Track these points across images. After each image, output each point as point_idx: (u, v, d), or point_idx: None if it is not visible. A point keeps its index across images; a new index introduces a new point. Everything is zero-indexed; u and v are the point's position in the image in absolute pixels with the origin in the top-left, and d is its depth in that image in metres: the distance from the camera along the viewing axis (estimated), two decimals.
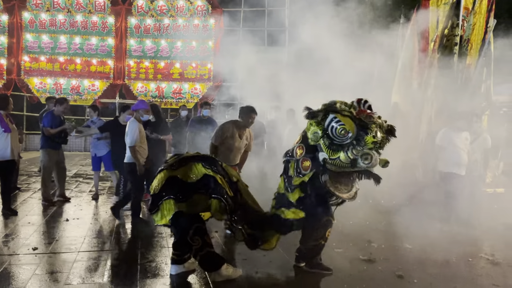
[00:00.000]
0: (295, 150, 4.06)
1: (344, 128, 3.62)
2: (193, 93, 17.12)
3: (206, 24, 17.11)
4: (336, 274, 4.20)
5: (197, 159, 3.96)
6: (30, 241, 5.05)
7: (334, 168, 3.73)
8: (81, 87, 16.71)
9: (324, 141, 3.74)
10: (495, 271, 4.43)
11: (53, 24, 16.56)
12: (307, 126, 3.95)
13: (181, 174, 3.83)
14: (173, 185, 3.80)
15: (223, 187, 3.83)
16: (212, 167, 3.90)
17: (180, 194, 3.78)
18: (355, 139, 3.62)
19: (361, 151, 3.59)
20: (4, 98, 6.48)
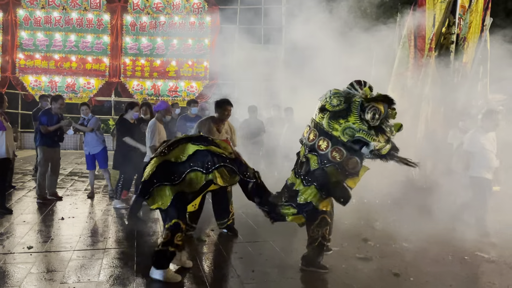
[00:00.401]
0: (316, 143, 3.90)
1: (376, 109, 3.69)
2: (189, 91, 17.07)
3: (202, 22, 17.06)
4: (333, 273, 4.20)
5: (185, 140, 3.91)
6: (25, 240, 5.01)
7: (382, 152, 3.80)
8: (76, 85, 16.62)
9: (367, 131, 3.72)
10: (491, 269, 4.44)
11: (48, 22, 16.45)
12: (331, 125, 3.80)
13: (172, 157, 3.77)
14: (166, 170, 3.73)
15: (220, 153, 3.78)
16: (202, 143, 3.84)
17: (174, 176, 3.72)
18: (385, 116, 3.76)
19: (392, 125, 3.80)
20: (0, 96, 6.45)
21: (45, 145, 7.04)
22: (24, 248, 4.68)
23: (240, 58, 16.96)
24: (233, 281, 3.97)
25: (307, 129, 4.07)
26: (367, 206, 7.50)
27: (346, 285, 3.93)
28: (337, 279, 4.06)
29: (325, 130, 3.82)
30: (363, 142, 3.73)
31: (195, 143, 3.81)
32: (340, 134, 3.76)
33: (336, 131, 3.77)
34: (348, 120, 3.72)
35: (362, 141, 3.72)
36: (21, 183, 8.76)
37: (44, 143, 7.05)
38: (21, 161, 11.93)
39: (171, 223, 3.75)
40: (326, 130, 3.81)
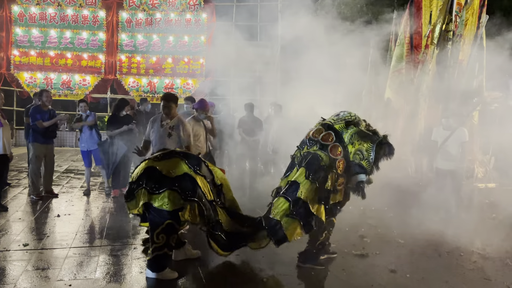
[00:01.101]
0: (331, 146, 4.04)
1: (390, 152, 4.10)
2: (186, 88, 17.03)
3: (198, 19, 17.01)
4: (329, 269, 4.21)
5: (182, 155, 3.89)
6: (21, 237, 4.99)
7: (366, 185, 4.14)
8: (72, 82, 16.53)
9: (370, 162, 4.01)
10: (486, 265, 4.46)
11: (43, 18, 16.34)
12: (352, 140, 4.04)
13: (161, 166, 3.75)
14: (150, 176, 3.71)
15: (202, 189, 3.77)
16: (195, 167, 3.82)
17: (156, 185, 3.67)
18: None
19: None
20: None
21: (36, 141, 7.01)
22: (20, 246, 4.66)
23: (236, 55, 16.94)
24: (230, 278, 3.97)
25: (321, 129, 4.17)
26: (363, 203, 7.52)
27: (343, 281, 3.94)
28: (334, 276, 4.07)
29: (343, 140, 4.04)
30: (359, 170, 4.00)
31: (189, 165, 3.81)
32: (352, 152, 4.01)
33: (353, 146, 4.01)
34: (363, 145, 3.99)
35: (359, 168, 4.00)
36: (16, 180, 8.72)
37: (36, 139, 7.01)
38: (16, 158, 11.86)
39: (164, 226, 3.70)
40: (345, 142, 4.03)
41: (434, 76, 7.53)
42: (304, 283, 3.88)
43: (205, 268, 4.21)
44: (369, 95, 9.84)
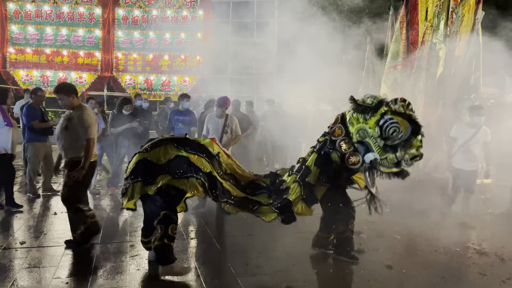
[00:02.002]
0: (338, 143, 3.96)
1: (397, 128, 3.63)
2: (182, 85, 16.99)
3: (194, 16, 16.95)
4: (326, 265, 4.22)
5: (169, 140, 3.88)
6: (18, 235, 4.99)
7: (381, 168, 3.79)
8: (68, 80, 16.44)
9: (377, 141, 3.74)
10: (482, 261, 4.49)
11: (39, 15, 16.25)
12: (351, 120, 3.90)
13: (151, 156, 3.76)
14: (142, 168, 3.73)
15: (197, 164, 3.77)
16: (185, 147, 3.82)
17: (149, 176, 3.69)
18: (405, 140, 3.65)
19: (409, 153, 3.66)
20: (3, 92, 6.40)
21: (34, 141, 6.91)
22: (17, 244, 4.65)
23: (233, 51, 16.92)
24: (227, 275, 3.98)
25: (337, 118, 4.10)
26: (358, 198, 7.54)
27: (339, 277, 3.95)
28: (330, 271, 4.09)
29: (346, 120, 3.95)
30: (368, 148, 3.80)
31: (178, 146, 3.81)
32: (354, 132, 3.86)
33: (352, 126, 3.87)
34: (367, 122, 3.78)
35: (368, 147, 3.79)
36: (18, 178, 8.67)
37: (33, 139, 6.91)
38: None
39: (160, 216, 3.75)
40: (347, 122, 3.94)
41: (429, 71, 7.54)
42: (300, 279, 3.89)
43: (203, 265, 4.22)
44: (366, 91, 9.86)
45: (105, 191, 7.64)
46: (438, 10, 7.54)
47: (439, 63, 7.32)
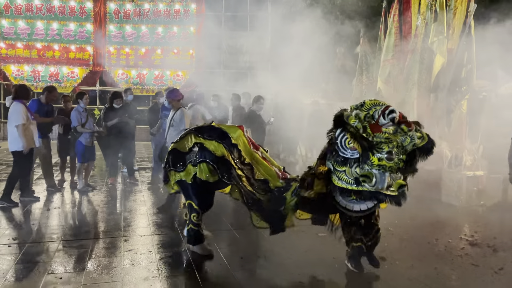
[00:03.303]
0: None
1: (351, 142, 3.37)
2: (175, 80, 16.91)
3: (187, 9, 16.84)
4: (320, 257, 4.24)
5: (193, 130, 4.17)
6: (10, 230, 4.95)
7: (338, 183, 3.48)
8: (60, 74, 16.32)
9: (333, 153, 3.50)
10: (474, 252, 4.53)
11: (30, 10, 16.06)
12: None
13: (179, 145, 4.11)
14: (173, 157, 4.12)
15: (210, 149, 3.94)
16: (204, 135, 4.02)
17: (180, 164, 4.06)
18: (362, 155, 3.34)
19: (363, 171, 3.35)
20: (24, 87, 6.42)
21: (45, 137, 6.81)
22: (9, 239, 4.62)
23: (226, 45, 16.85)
24: (222, 268, 3.98)
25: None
26: None
27: (333, 269, 3.97)
28: (324, 263, 4.10)
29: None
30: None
31: (198, 135, 4.04)
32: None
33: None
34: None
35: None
36: (5, 174, 8.61)
37: (45, 135, 6.81)
38: (5, 152, 11.74)
39: (186, 203, 4.21)
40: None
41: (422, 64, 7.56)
42: (295, 272, 3.90)
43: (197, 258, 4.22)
44: (360, 84, 9.87)
45: (99, 186, 7.61)
46: (431, 2, 7.55)
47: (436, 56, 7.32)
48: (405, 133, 3.40)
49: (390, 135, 3.40)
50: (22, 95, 6.23)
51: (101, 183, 7.90)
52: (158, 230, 5.16)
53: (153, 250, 4.39)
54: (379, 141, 3.36)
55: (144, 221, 5.53)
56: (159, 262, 4.05)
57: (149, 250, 4.41)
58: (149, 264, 4.01)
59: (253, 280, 3.78)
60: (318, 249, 4.45)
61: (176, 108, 6.26)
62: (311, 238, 4.71)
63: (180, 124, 6.10)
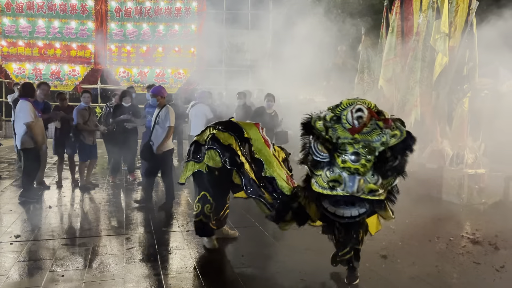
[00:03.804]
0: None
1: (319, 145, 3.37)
2: (177, 77, 16.90)
3: (188, 7, 16.80)
4: (320, 256, 4.24)
5: (212, 123, 4.36)
6: (12, 229, 4.96)
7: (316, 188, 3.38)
8: (61, 73, 16.32)
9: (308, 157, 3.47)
10: (476, 250, 4.53)
11: (31, 8, 16.04)
12: None
13: (199, 138, 4.29)
14: (193, 148, 4.29)
15: (218, 138, 4.04)
16: (219, 127, 4.17)
17: (199, 155, 4.23)
18: (330, 158, 3.31)
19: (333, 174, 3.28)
20: (30, 85, 6.47)
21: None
22: (12, 237, 4.63)
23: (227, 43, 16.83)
24: (223, 266, 3.99)
25: None
26: None
27: (336, 267, 3.97)
28: (325, 261, 4.11)
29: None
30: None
31: (215, 127, 4.22)
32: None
33: None
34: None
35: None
36: (7, 172, 8.64)
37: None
38: (6, 150, 11.76)
39: (200, 195, 4.27)
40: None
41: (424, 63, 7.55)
42: (296, 269, 3.91)
43: (199, 256, 4.23)
44: (362, 82, 9.85)
45: (101, 184, 7.62)
46: (432, 0, 7.52)
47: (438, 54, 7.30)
48: (381, 130, 3.28)
49: (360, 135, 3.28)
50: (28, 93, 6.30)
51: (103, 181, 7.91)
52: (160, 227, 5.17)
53: (155, 248, 4.40)
54: (344, 142, 3.27)
55: (146, 219, 5.54)
56: (161, 260, 4.06)
57: (150, 248, 4.42)
58: (151, 262, 4.02)
59: (254, 278, 3.78)
60: (320, 247, 4.45)
61: (162, 105, 6.15)
62: (312, 236, 4.70)
63: (165, 121, 6.00)
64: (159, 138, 5.98)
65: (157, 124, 6.05)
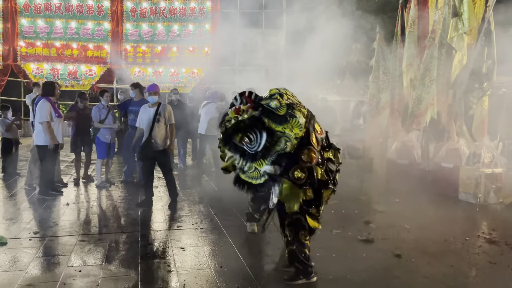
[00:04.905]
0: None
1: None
2: (191, 77, 17.01)
3: (202, 7, 16.90)
4: (334, 254, 4.24)
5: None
6: (31, 225, 5.08)
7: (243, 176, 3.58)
8: (78, 72, 16.58)
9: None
10: (491, 249, 4.47)
11: (48, 9, 16.34)
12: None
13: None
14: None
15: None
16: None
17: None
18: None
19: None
20: (51, 84, 6.63)
21: None
22: (30, 233, 4.74)
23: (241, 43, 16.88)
24: (236, 263, 4.01)
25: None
26: (369, 189, 7.55)
27: (347, 266, 3.96)
28: (339, 261, 4.10)
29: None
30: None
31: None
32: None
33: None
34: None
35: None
36: (25, 170, 8.80)
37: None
38: (25, 148, 11.98)
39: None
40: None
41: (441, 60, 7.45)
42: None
43: (212, 252, 4.26)
44: (377, 81, 9.76)
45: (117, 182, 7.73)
46: None
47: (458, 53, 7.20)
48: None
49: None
50: (49, 91, 6.46)
51: (119, 179, 8.02)
52: (174, 225, 5.22)
53: (169, 245, 4.45)
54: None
55: (160, 216, 5.61)
56: (175, 257, 4.11)
57: (165, 244, 4.48)
58: (165, 259, 4.07)
59: (267, 276, 3.80)
60: (332, 246, 4.45)
61: (158, 103, 6.12)
62: (325, 235, 4.70)
63: (169, 119, 6.08)
64: (160, 135, 6.00)
65: (158, 122, 5.99)
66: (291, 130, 3.32)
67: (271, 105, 3.35)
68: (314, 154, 3.37)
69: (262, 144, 3.30)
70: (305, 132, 3.38)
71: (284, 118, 3.32)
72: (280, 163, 3.36)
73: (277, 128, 3.31)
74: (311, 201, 3.47)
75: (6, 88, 16.55)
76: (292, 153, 3.36)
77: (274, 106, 3.34)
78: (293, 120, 3.33)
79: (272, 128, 3.31)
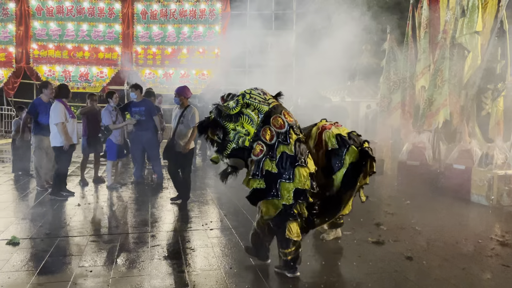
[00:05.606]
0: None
1: None
2: (201, 78, 17.08)
3: (212, 9, 16.97)
4: (345, 256, 4.22)
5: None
6: (43, 225, 5.13)
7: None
8: (89, 74, 16.77)
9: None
10: (504, 252, 4.40)
11: (60, 11, 16.56)
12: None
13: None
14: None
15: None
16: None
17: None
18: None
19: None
20: (65, 87, 6.79)
21: (39, 134, 6.89)
22: (43, 234, 4.79)
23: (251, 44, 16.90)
24: (247, 264, 4.01)
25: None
26: (379, 191, 7.50)
27: (358, 268, 3.94)
28: (350, 262, 4.08)
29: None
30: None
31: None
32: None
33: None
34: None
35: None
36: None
37: (39, 132, 6.88)
38: None
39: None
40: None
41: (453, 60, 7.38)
42: (318, 270, 3.89)
43: (222, 253, 4.27)
44: (387, 81, 9.71)
45: (128, 183, 7.78)
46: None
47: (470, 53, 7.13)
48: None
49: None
50: (63, 93, 6.62)
51: (129, 180, 8.07)
52: (184, 226, 5.24)
53: (179, 246, 4.47)
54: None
55: (171, 217, 5.63)
56: (185, 258, 4.12)
57: (175, 245, 4.49)
58: (175, 259, 4.08)
59: (278, 278, 3.78)
60: (342, 248, 4.42)
61: (185, 106, 6.25)
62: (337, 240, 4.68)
63: (192, 122, 6.12)
64: (183, 137, 6.14)
65: (181, 124, 6.17)
66: (242, 127, 3.62)
67: (229, 105, 3.65)
68: (262, 148, 3.58)
69: (225, 140, 3.67)
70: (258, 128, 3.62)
71: (235, 117, 3.62)
72: (239, 156, 3.71)
73: (230, 126, 3.64)
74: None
75: (19, 90, 16.80)
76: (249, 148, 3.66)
77: (230, 106, 3.64)
78: (243, 117, 3.61)
79: (225, 127, 3.65)
